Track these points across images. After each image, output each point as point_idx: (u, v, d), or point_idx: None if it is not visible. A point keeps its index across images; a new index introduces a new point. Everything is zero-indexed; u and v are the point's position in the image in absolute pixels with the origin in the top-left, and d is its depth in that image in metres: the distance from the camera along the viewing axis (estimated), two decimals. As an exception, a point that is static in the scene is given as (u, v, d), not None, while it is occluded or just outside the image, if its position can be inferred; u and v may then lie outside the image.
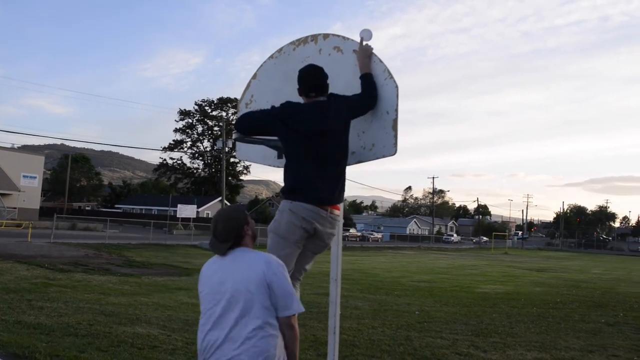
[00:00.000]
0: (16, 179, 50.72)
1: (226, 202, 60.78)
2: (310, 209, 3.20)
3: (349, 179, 3.51)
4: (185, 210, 49.91)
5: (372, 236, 68.95)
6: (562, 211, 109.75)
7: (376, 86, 3.50)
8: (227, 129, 57.36)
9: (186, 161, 78.94)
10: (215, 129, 75.23)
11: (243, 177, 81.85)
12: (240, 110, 4.18)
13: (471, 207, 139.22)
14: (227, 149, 55.97)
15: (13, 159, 51.45)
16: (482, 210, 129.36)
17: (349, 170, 3.50)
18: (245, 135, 3.50)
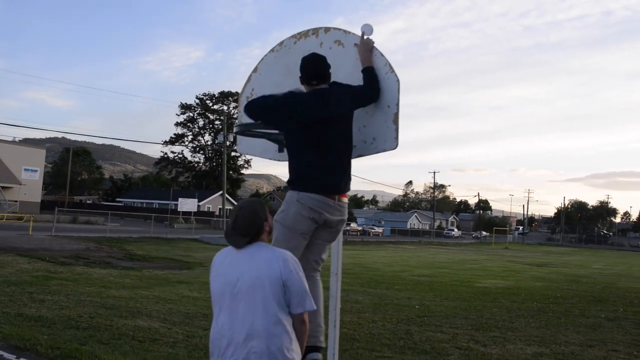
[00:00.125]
0: (17, 172, 50.78)
1: (227, 196, 60.82)
2: (317, 199, 3.19)
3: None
4: (186, 204, 49.99)
5: (372, 230, 69.09)
6: (563, 206, 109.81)
7: (378, 79, 3.50)
8: (228, 123, 57.25)
9: (187, 155, 78.95)
10: (216, 122, 75.14)
11: (244, 171, 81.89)
12: (242, 104, 4.17)
13: (472, 202, 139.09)
14: (228, 142, 55.92)
15: (14, 152, 51.50)
16: (483, 205, 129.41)
17: (349, 165, 3.48)
18: (254, 120, 3.45)
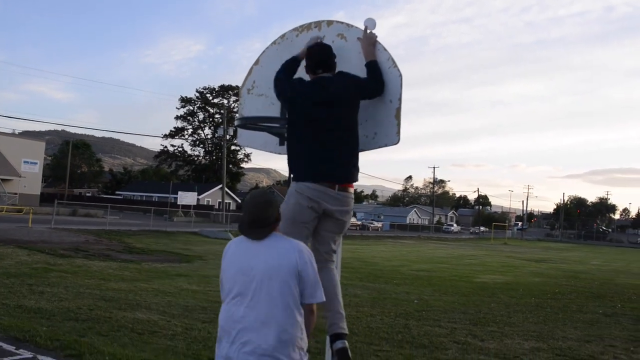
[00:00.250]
0: (17, 164, 50.73)
1: (227, 189, 60.80)
2: (315, 188, 3.18)
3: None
4: (186, 198, 49.98)
5: (372, 225, 69.00)
6: (562, 202, 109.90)
7: (382, 73, 3.49)
8: (228, 117, 57.22)
9: (187, 148, 78.91)
10: (217, 116, 75.05)
11: (244, 165, 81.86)
12: (242, 97, 4.16)
13: (471, 197, 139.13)
14: (228, 136, 55.88)
15: (14, 144, 51.42)
16: (483, 200, 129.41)
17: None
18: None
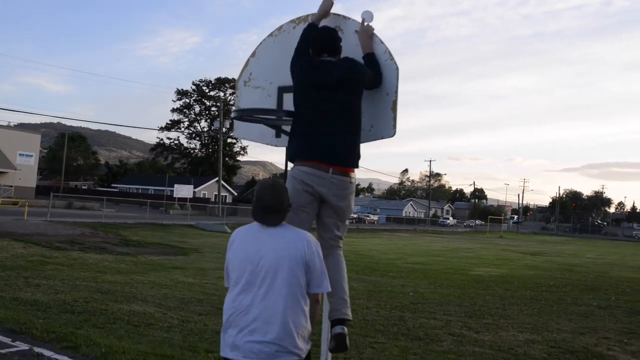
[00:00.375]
0: (12, 157, 50.52)
1: (223, 182, 60.73)
2: (308, 171, 3.17)
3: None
4: (182, 190, 49.94)
5: (368, 218, 69.15)
6: (558, 196, 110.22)
7: (380, 65, 3.49)
8: (225, 109, 57.08)
9: (183, 141, 78.69)
10: (213, 109, 74.84)
11: (240, 158, 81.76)
12: (239, 89, 4.15)
13: (468, 190, 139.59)
14: (224, 129, 55.74)
15: (9, 137, 51.13)
16: (479, 194, 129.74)
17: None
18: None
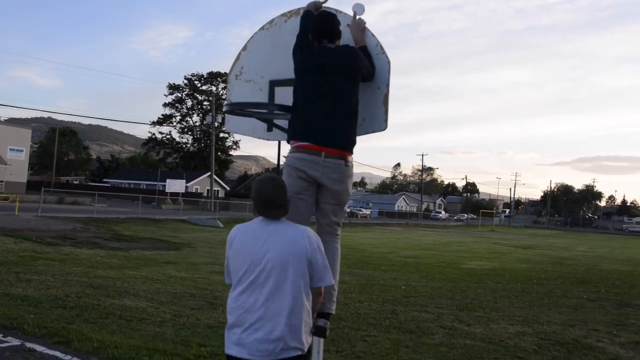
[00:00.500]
0: (3, 152, 50.18)
1: (215, 177, 60.57)
2: (299, 157, 3.16)
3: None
4: (174, 185, 49.80)
5: (360, 212, 69.23)
6: (549, 190, 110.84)
7: (372, 58, 3.49)
8: (217, 104, 56.82)
9: (175, 136, 78.38)
10: (205, 103, 74.48)
11: (232, 153, 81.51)
12: (230, 83, 4.14)
13: (460, 184, 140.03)
14: (216, 123, 55.57)
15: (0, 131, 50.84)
16: (471, 188, 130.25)
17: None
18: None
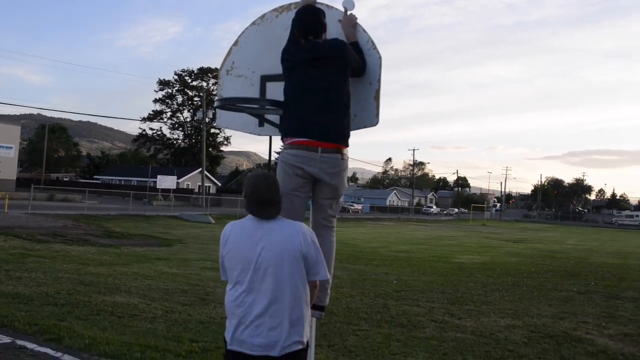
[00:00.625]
0: (-9, 148, 49.69)
1: (206, 173, 60.40)
2: (295, 153, 3.15)
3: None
4: (165, 181, 49.63)
5: (352, 207, 69.29)
6: (539, 184, 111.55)
7: (363, 54, 3.49)
8: (208, 99, 56.62)
9: (166, 132, 77.94)
10: (196, 99, 74.16)
11: (223, 148, 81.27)
12: (221, 78, 4.13)
13: (451, 179, 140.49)
14: (207, 119, 55.35)
15: (-13, 128, 50.28)
16: (462, 182, 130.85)
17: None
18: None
